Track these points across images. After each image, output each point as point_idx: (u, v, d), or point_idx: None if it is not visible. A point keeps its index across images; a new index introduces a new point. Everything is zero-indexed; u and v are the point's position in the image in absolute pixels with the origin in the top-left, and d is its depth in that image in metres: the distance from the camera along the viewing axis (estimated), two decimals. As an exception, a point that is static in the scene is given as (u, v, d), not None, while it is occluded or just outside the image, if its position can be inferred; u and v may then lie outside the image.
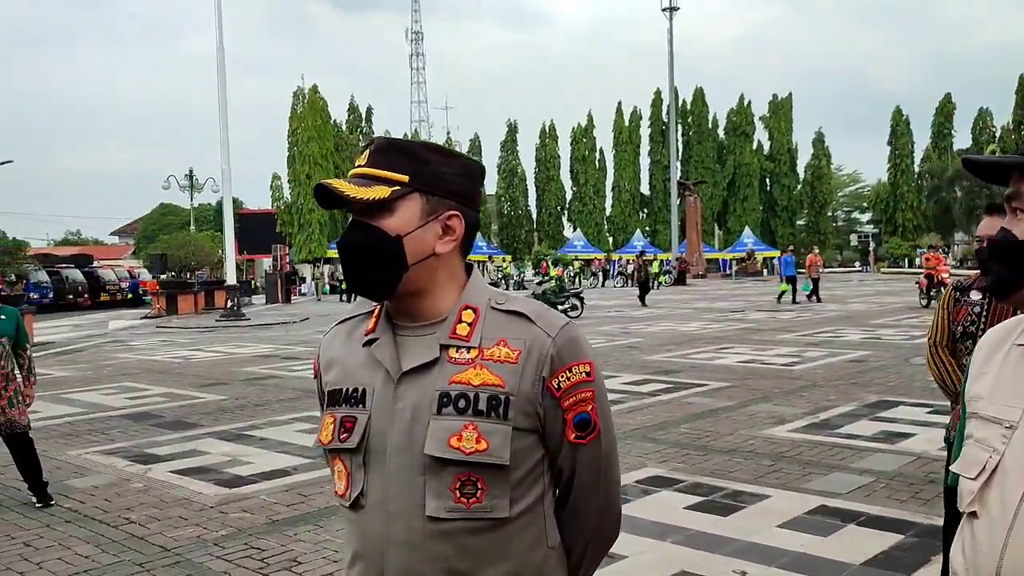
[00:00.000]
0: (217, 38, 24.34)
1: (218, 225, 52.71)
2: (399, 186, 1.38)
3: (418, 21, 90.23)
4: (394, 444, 1.36)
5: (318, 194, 1.40)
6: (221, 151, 24.14)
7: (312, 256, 45.23)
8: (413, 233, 1.38)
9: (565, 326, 1.41)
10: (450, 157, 1.43)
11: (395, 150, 1.41)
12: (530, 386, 1.36)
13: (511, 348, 1.37)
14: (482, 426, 1.33)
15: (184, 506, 5.53)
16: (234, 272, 25.34)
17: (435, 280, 1.42)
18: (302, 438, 7.47)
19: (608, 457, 1.46)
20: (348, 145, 51.26)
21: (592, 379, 1.41)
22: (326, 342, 1.55)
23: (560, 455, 1.42)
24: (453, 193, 1.42)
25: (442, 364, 1.37)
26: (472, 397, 1.34)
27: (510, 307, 1.42)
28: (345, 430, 1.40)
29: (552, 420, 1.39)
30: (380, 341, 1.43)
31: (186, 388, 10.87)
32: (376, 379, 1.40)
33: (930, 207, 55.42)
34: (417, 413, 1.35)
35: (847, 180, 74.14)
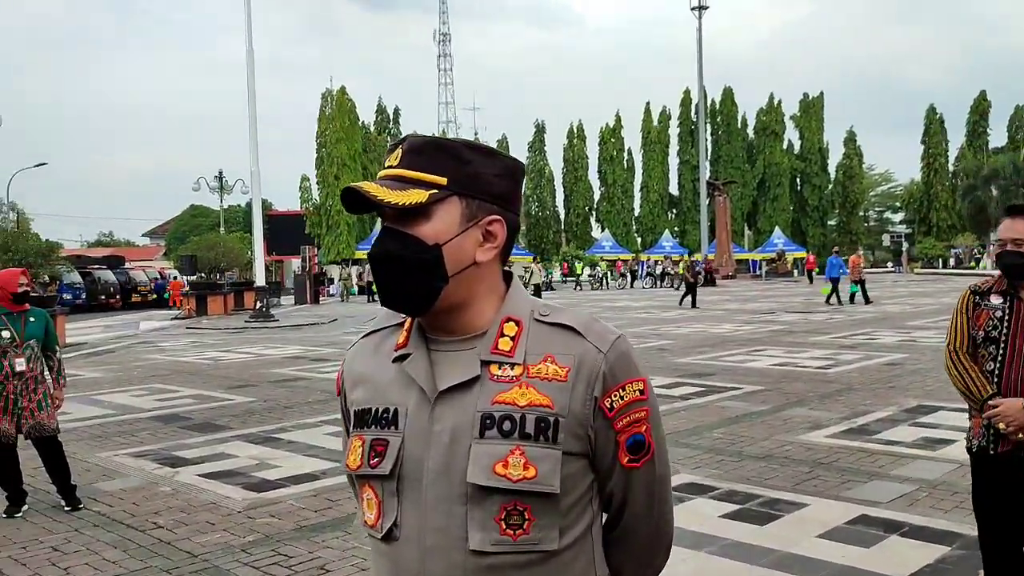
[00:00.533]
0: (247, 41, 24.48)
1: (247, 226, 53.10)
2: (436, 189, 1.26)
3: (446, 23, 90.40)
4: (431, 470, 1.25)
5: (345, 198, 1.28)
6: (250, 153, 24.27)
7: (340, 257, 45.37)
8: (452, 241, 1.26)
9: (617, 340, 1.29)
10: (491, 156, 1.31)
11: (432, 149, 1.28)
12: (580, 406, 1.25)
13: (559, 365, 1.26)
14: (530, 451, 1.22)
15: (211, 511, 5.48)
16: (263, 273, 25.45)
17: (475, 291, 1.30)
18: (330, 441, 7.41)
19: (662, 481, 1.36)
20: (376, 146, 51.42)
21: (646, 397, 1.30)
22: (351, 357, 1.43)
23: (611, 480, 1.31)
24: (494, 196, 1.30)
25: (483, 382, 1.26)
26: (518, 419, 1.23)
27: (556, 319, 1.30)
28: (376, 454, 1.28)
29: (603, 442, 1.28)
30: (413, 357, 1.31)
31: (215, 390, 10.88)
32: (409, 398, 1.29)
33: (964, 207, 54.62)
34: (457, 436, 1.24)
35: (879, 179, 73.23)
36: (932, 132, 58.61)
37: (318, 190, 48.15)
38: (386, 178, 1.29)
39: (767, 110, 59.57)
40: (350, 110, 48.08)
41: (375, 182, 1.29)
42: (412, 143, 1.30)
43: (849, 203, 60.23)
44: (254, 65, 24.55)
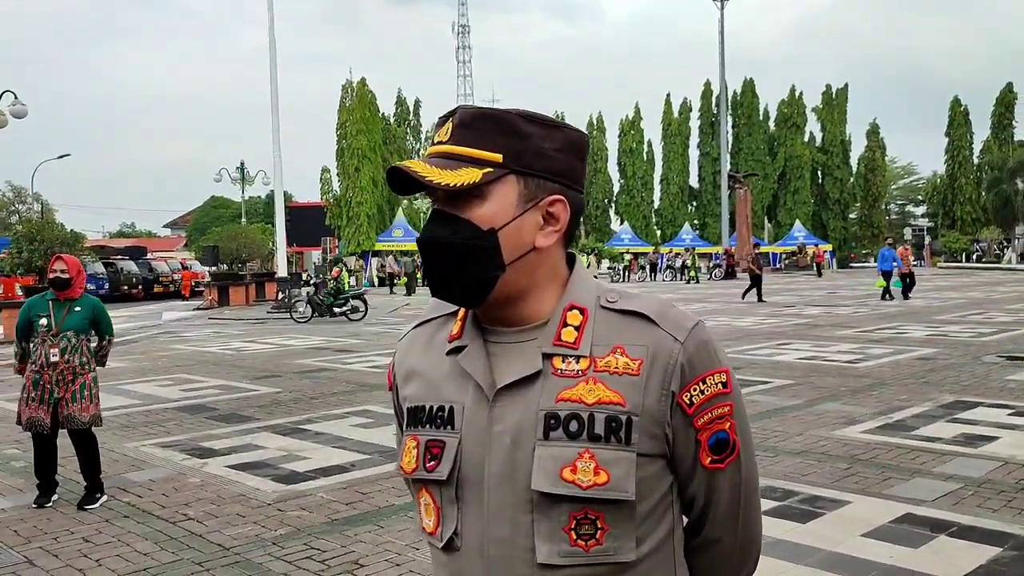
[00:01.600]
0: (269, 32, 24.45)
1: (268, 217, 53.22)
2: (492, 167, 1.14)
3: (464, 14, 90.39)
4: (493, 475, 1.14)
5: (392, 179, 1.16)
6: (273, 144, 24.26)
7: (360, 249, 45.33)
8: (509, 225, 1.15)
9: (695, 327, 1.17)
10: (552, 128, 1.18)
11: (485, 122, 1.16)
12: (656, 403, 1.14)
13: (630, 357, 1.14)
14: (600, 454, 1.11)
15: (242, 503, 5.43)
16: (285, 264, 25.46)
17: (535, 279, 1.18)
18: (359, 433, 7.35)
19: (749, 483, 1.23)
20: (395, 138, 51.29)
21: (729, 390, 1.18)
22: (403, 349, 1.32)
23: (692, 483, 1.19)
24: (555, 173, 1.18)
25: (546, 377, 1.15)
26: (586, 418, 1.11)
27: (625, 306, 1.18)
28: (432, 457, 1.18)
29: (683, 442, 1.16)
30: (468, 349, 1.20)
31: (240, 380, 10.85)
32: (466, 395, 1.18)
33: (989, 200, 53.90)
34: (519, 438, 1.13)
35: (901, 172, 72.42)
36: (956, 124, 57.74)
37: (338, 182, 48.07)
38: (435, 155, 1.17)
39: (788, 102, 58.92)
40: (370, 102, 47.87)
41: (424, 160, 1.17)
42: (463, 116, 1.17)
43: (871, 196, 59.49)
44: (276, 56, 24.53)
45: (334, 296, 20.60)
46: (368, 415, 8.18)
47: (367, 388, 9.89)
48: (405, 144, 53.25)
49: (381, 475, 5.95)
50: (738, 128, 59.23)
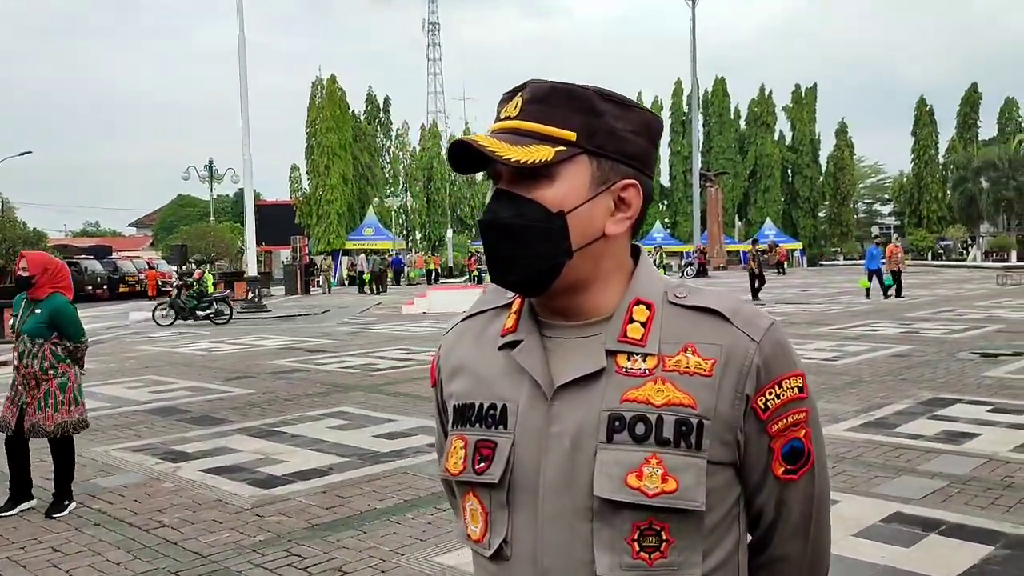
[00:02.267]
0: (239, 28, 24.11)
1: (236, 216, 52.63)
2: (564, 146, 1.05)
3: (435, 12, 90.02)
4: (549, 479, 1.05)
5: (454, 153, 1.08)
6: (242, 141, 23.92)
7: (331, 248, 44.97)
8: (580, 208, 1.07)
9: (771, 327, 1.09)
10: (628, 109, 1.10)
11: (559, 97, 1.07)
12: (729, 407, 1.05)
13: (702, 356, 1.06)
14: (669, 459, 1.02)
15: (218, 508, 5.26)
16: (255, 263, 25.14)
17: (601, 269, 1.10)
18: (336, 435, 7.20)
19: (822, 497, 1.15)
20: (366, 135, 50.94)
21: (806, 395, 1.10)
22: (449, 342, 1.23)
23: (761, 493, 1.11)
24: (629, 156, 1.10)
25: (610, 376, 1.06)
26: (654, 421, 1.03)
27: (696, 302, 1.10)
28: (482, 458, 1.09)
29: (754, 449, 1.08)
30: (524, 344, 1.11)
31: (211, 381, 10.64)
32: (520, 393, 1.09)
33: (955, 199, 54.67)
34: (579, 440, 1.04)
35: (868, 171, 73.23)
36: (922, 124, 58.53)
37: (308, 180, 47.71)
38: (502, 131, 1.08)
39: (759, 101, 59.38)
40: (340, 99, 47.49)
41: (491, 135, 1.08)
42: (535, 90, 1.08)
43: (840, 195, 60.16)
44: (246, 52, 24.20)
45: (197, 299, 19.99)
46: (344, 416, 8.03)
47: (342, 389, 9.73)
48: (375, 142, 52.94)
49: (361, 478, 5.81)
50: (709, 127, 59.58)
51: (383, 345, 14.47)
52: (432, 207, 55.65)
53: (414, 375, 10.72)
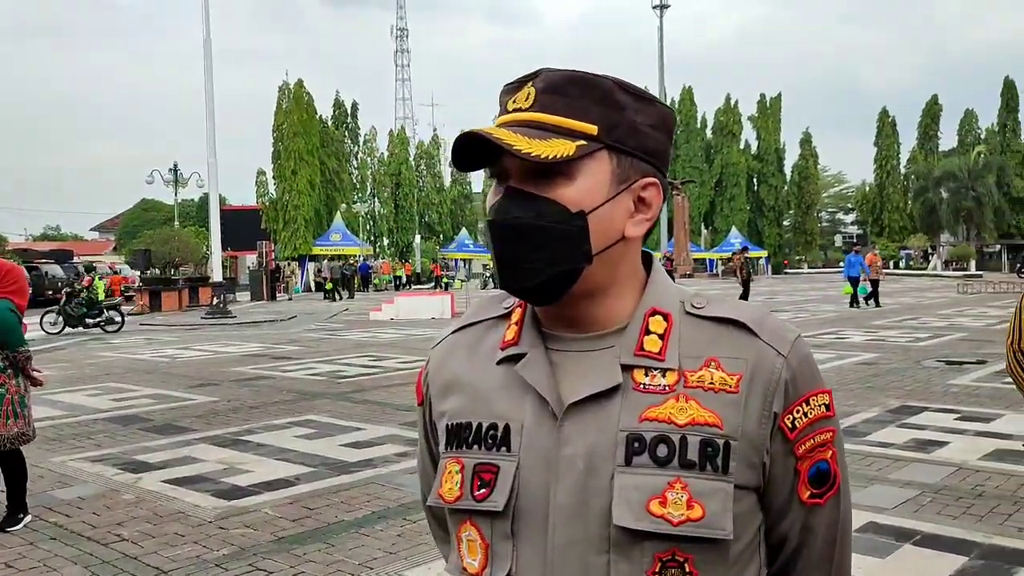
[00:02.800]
0: (204, 30, 23.80)
1: (201, 221, 51.82)
2: (585, 140, 0.97)
3: (403, 17, 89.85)
4: (560, 507, 0.96)
5: (459, 148, 0.98)
6: (207, 145, 23.59)
7: (297, 253, 44.54)
8: (600, 209, 0.98)
9: (798, 339, 1.01)
10: (646, 102, 1.02)
11: (578, 87, 0.98)
12: (756, 426, 0.96)
13: (727, 372, 0.97)
14: (694, 484, 0.93)
15: (180, 521, 5.11)
16: (220, 269, 24.79)
17: (617, 275, 1.02)
18: (303, 444, 7.05)
19: (846, 523, 1.07)
20: (333, 140, 50.57)
21: (832, 414, 1.03)
22: (439, 356, 1.13)
23: (785, 520, 1.02)
24: (648, 152, 1.02)
25: (626, 393, 0.97)
26: (677, 442, 0.94)
27: (717, 312, 1.01)
28: (482, 483, 0.99)
29: (780, 472, 0.99)
30: (529, 358, 1.02)
31: (174, 389, 10.41)
32: (523, 412, 1.00)
33: (916, 208, 55.50)
34: (594, 463, 0.95)
35: (832, 181, 74.19)
36: (884, 134, 59.39)
37: (274, 184, 47.26)
38: (513, 124, 0.98)
39: (724, 110, 59.92)
40: (307, 104, 47.10)
41: (503, 128, 0.98)
42: (550, 79, 0.99)
43: (804, 203, 60.83)
44: (212, 55, 23.89)
45: (87, 307, 19.38)
46: (311, 425, 7.88)
47: (308, 397, 9.57)
48: (343, 147, 52.60)
49: (329, 489, 5.68)
50: (676, 135, 59.82)
51: (350, 352, 14.30)
52: (400, 213, 55.41)
53: (382, 382, 10.59)
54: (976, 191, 51.42)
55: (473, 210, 60.34)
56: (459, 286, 38.42)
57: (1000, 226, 53.37)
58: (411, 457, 6.45)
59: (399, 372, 11.58)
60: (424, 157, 58.81)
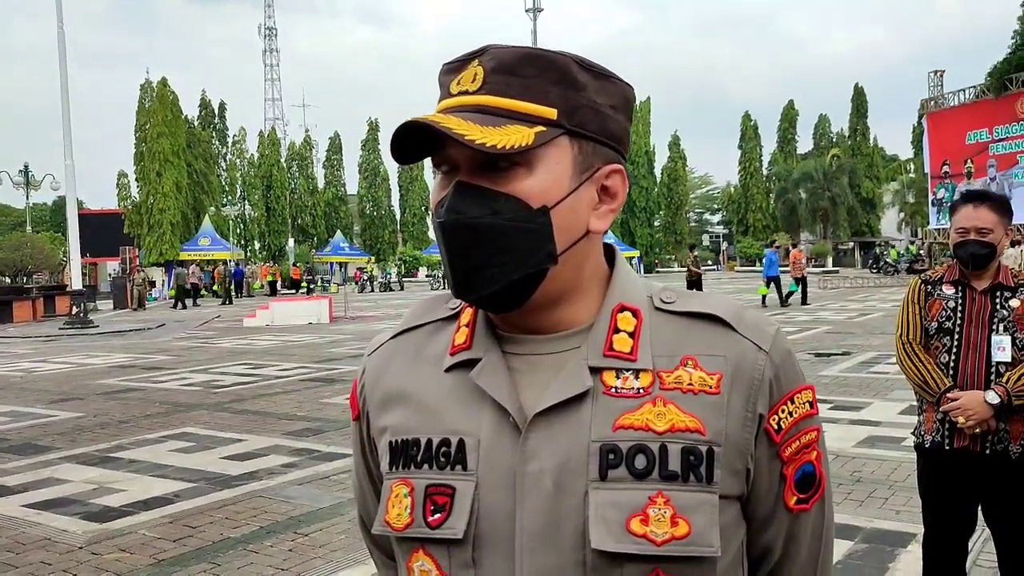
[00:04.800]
0: (57, 24, 22.42)
1: (56, 226, 48.98)
2: (544, 126, 0.86)
3: (272, 16, 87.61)
4: (528, 530, 0.85)
5: (399, 139, 0.86)
6: (64, 146, 22.20)
7: (163, 258, 42.67)
8: (564, 202, 0.87)
9: (778, 333, 0.93)
10: (607, 80, 0.91)
11: (533, 66, 0.87)
12: (739, 428, 0.88)
13: (706, 371, 0.88)
14: (677, 497, 0.84)
15: (46, 548, 4.72)
16: (79, 276, 23.42)
17: (581, 274, 0.92)
18: (179, 458, 6.68)
19: (830, 529, 1.00)
20: (200, 142, 48.76)
21: (816, 411, 0.95)
22: (376, 364, 1.01)
23: (769, 529, 0.94)
24: (610, 136, 0.91)
25: (596, 399, 0.87)
26: (657, 451, 0.85)
27: (689, 307, 0.92)
28: (436, 507, 0.88)
29: (765, 478, 0.91)
30: (484, 364, 0.91)
31: (32, 405, 9.71)
32: (480, 425, 0.89)
33: (778, 208, 58.20)
34: (564, 479, 0.85)
35: (699, 183, 76.93)
36: (748, 138, 62.08)
37: (137, 187, 45.15)
38: (459, 109, 0.87)
39: (597, 113, 61.19)
40: (173, 103, 45.27)
41: (447, 115, 0.86)
42: (500, 56, 0.87)
43: (674, 205, 62.84)
44: (66, 52, 22.53)
45: None
46: (188, 438, 7.49)
47: (184, 408, 9.11)
48: (210, 148, 50.82)
49: (211, 505, 5.39)
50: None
51: (225, 360, 13.74)
52: (272, 216, 53.95)
53: (262, 391, 10.20)
54: (831, 192, 54.36)
55: (348, 212, 59.43)
56: (335, 290, 37.69)
57: (853, 225, 56.61)
58: (298, 467, 6.21)
59: (279, 380, 11.20)
60: (296, 158, 57.51)
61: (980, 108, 33.83)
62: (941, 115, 36.38)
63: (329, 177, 59.10)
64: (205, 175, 48.20)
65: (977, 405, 2.74)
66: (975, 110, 34.14)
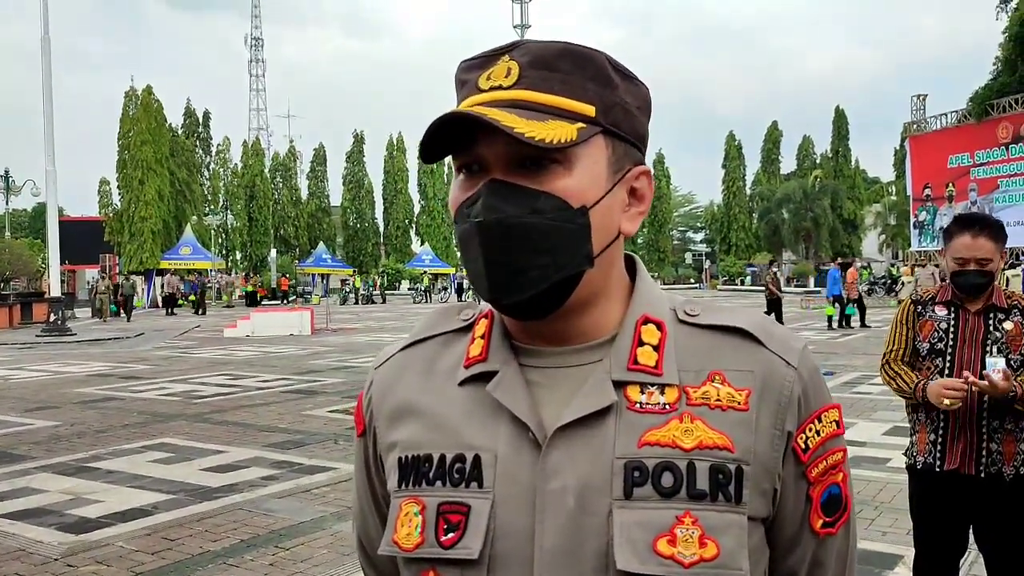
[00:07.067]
0: (42, 25, 22.27)
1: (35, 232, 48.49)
2: (584, 122, 0.83)
3: (258, 27, 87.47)
4: (548, 551, 0.81)
5: (433, 136, 0.82)
6: (46, 151, 21.98)
7: (144, 267, 42.29)
8: (601, 202, 0.84)
9: (805, 349, 0.90)
10: (632, 81, 0.89)
11: (572, 61, 0.84)
12: (768, 447, 0.84)
13: (734, 386, 0.85)
14: (706, 517, 0.80)
15: (21, 560, 4.62)
16: (58, 283, 23.16)
17: (609, 279, 0.89)
18: (158, 469, 6.58)
19: (853, 554, 0.96)
20: (184, 150, 48.49)
21: (842, 431, 0.92)
22: (386, 377, 0.96)
23: (794, 553, 0.90)
24: (638, 137, 0.89)
25: (620, 414, 0.83)
26: (684, 469, 0.81)
27: (715, 320, 0.89)
28: (450, 526, 0.84)
29: (791, 499, 0.87)
30: (501, 376, 0.87)
31: (7, 413, 9.55)
32: (497, 440, 0.85)
33: (761, 227, 58.52)
34: (587, 498, 0.81)
35: (682, 201, 77.31)
36: (731, 157, 62.48)
37: (120, 195, 44.80)
38: (494, 104, 0.82)
39: (582, 130, 61.44)
40: (157, 111, 44.98)
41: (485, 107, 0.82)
42: (536, 51, 0.84)
43: (657, 222, 63.08)
44: (51, 54, 22.38)
45: None
46: (167, 448, 7.38)
47: (163, 418, 8.98)
48: (194, 157, 50.56)
49: (190, 517, 5.30)
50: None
51: (205, 370, 13.60)
52: (254, 226, 53.67)
53: (242, 402, 10.08)
54: (814, 212, 54.72)
55: (331, 224, 59.21)
56: (316, 301, 37.46)
57: (834, 245, 56.99)
58: (279, 480, 6.12)
59: (260, 391, 11.08)
60: (280, 169, 57.30)
61: (962, 133, 34.20)
62: (923, 139, 36.77)
63: (313, 188, 58.89)
64: (188, 184, 47.89)
65: (952, 382, 2.71)
66: (957, 134, 34.52)
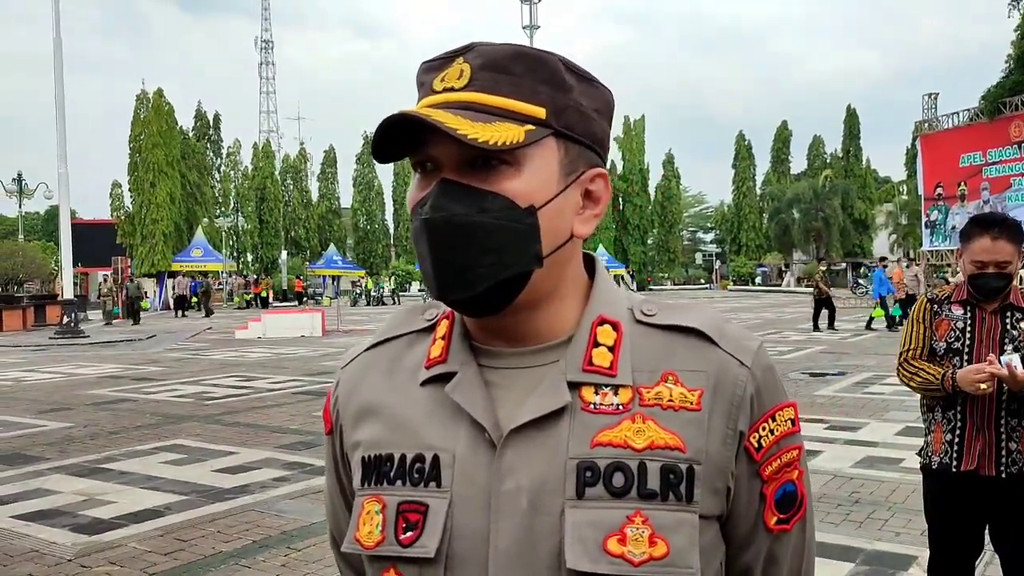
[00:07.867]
0: (54, 31, 22.41)
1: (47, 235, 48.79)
2: (533, 124, 0.84)
3: (268, 29, 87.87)
4: (502, 550, 0.83)
5: (383, 132, 0.83)
6: (58, 154, 22.14)
7: (155, 269, 42.48)
8: (551, 203, 0.85)
9: (760, 348, 0.91)
10: (589, 83, 0.90)
11: (523, 63, 0.85)
12: (720, 446, 0.85)
13: (686, 386, 0.86)
14: (656, 517, 0.81)
15: (35, 560, 4.65)
16: (71, 286, 23.29)
17: (562, 280, 0.90)
18: (171, 471, 6.61)
19: (811, 550, 0.97)
20: (195, 153, 48.70)
21: (798, 429, 0.92)
22: (351, 377, 0.98)
23: (749, 551, 0.91)
24: (595, 140, 0.90)
25: (574, 414, 0.85)
26: (635, 469, 0.82)
27: (670, 319, 0.90)
28: (408, 525, 0.86)
29: (744, 498, 0.88)
30: (460, 378, 0.89)
31: (22, 415, 9.61)
32: (456, 441, 0.86)
33: (771, 228, 58.36)
34: (540, 498, 0.83)
35: (693, 201, 77.19)
36: (741, 157, 62.34)
37: (131, 198, 45.03)
38: (445, 106, 0.84)
39: (591, 131, 61.35)
40: (168, 114, 45.18)
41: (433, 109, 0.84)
42: (488, 53, 0.85)
43: (667, 223, 63.00)
44: (63, 60, 22.51)
45: None
46: (180, 450, 7.41)
47: (175, 420, 9.03)
48: (205, 160, 50.75)
49: (203, 518, 5.32)
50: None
51: (217, 372, 13.66)
52: (265, 228, 53.84)
53: (254, 404, 10.12)
54: (824, 212, 54.54)
55: (341, 226, 59.35)
56: (328, 303, 37.54)
57: (845, 245, 56.78)
58: (291, 481, 6.14)
59: (271, 393, 11.12)
60: (290, 171, 57.45)
61: (974, 131, 33.97)
62: (935, 137, 36.54)
63: (323, 190, 59.04)
64: (199, 186, 48.11)
65: (982, 365, 2.69)
66: (969, 133, 34.29)
